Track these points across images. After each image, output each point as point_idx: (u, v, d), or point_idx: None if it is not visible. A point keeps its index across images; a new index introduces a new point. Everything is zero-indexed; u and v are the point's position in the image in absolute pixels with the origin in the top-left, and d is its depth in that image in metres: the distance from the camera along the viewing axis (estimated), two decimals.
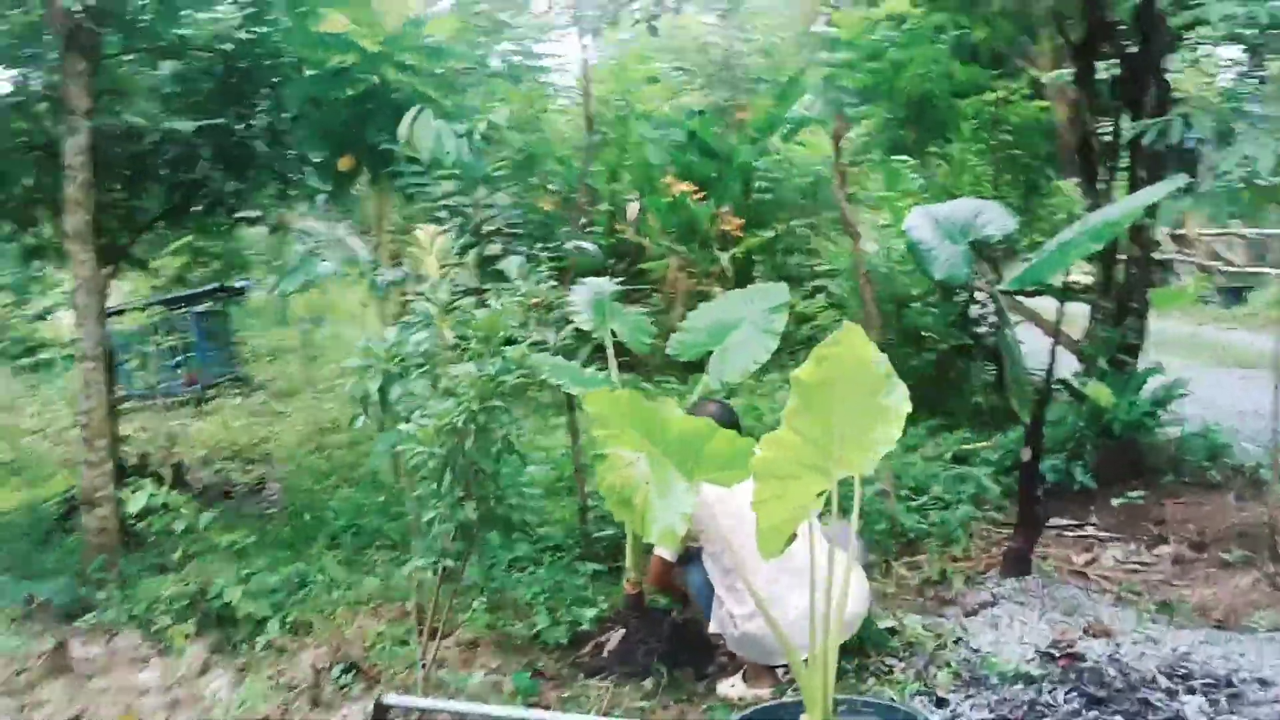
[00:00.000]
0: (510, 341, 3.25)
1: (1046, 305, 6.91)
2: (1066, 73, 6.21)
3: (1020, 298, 7.76)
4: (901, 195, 8.34)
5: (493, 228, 4.53)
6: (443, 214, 4.41)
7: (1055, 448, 6.10)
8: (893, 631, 4.09)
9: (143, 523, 4.11)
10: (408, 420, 3.28)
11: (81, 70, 5.09)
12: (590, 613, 4.57)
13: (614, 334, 4.62)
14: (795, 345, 10.16)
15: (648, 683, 3.95)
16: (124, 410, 12.04)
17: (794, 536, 2.84)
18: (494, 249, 4.58)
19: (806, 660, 3.65)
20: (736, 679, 3.88)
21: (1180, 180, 3.90)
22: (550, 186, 10.22)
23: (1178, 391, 6.02)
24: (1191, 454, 6.07)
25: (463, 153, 4.28)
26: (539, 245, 4.80)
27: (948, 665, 3.84)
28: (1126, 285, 5.99)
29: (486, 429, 3.09)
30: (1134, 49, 5.83)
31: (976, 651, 3.99)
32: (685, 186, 10.41)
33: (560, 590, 4.75)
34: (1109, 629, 4.14)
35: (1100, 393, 5.79)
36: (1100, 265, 6.12)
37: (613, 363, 4.52)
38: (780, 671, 3.83)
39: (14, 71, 6.12)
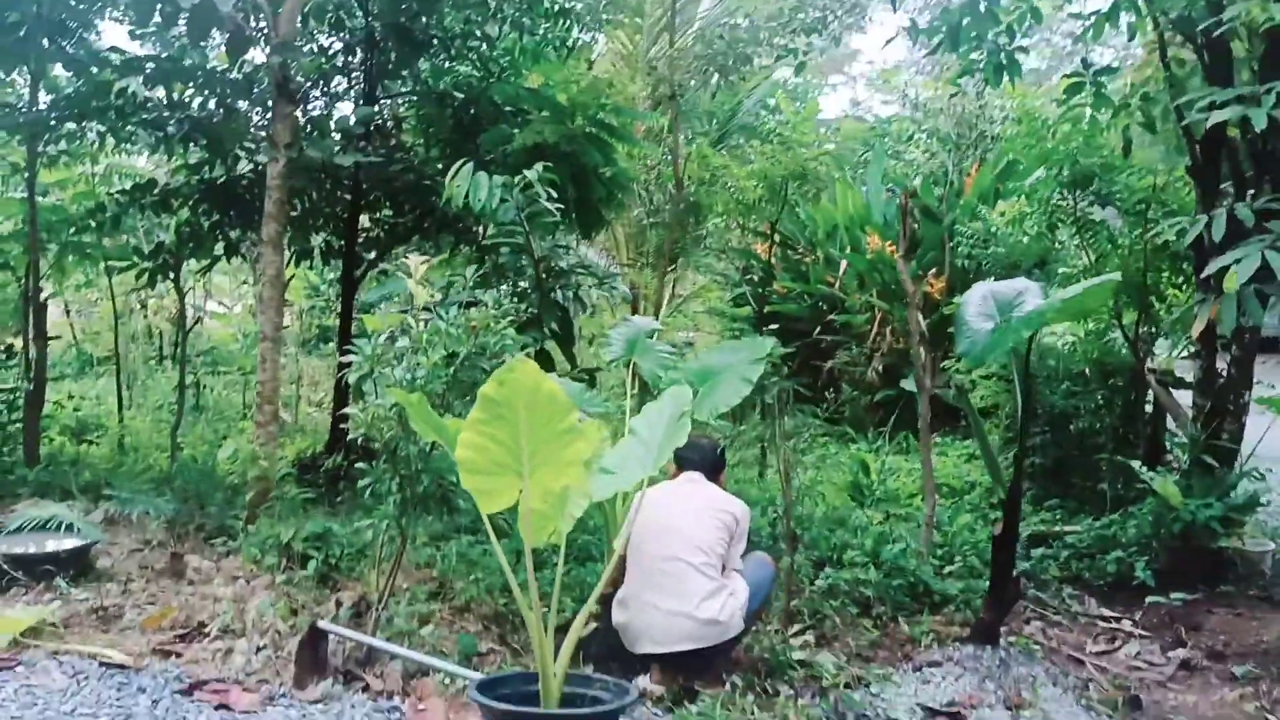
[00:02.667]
0: (454, 355, 4.01)
1: None
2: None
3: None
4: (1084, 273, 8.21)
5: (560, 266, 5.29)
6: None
7: (1128, 541, 5.97)
8: (802, 664, 4.41)
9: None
10: None
11: (287, 112, 6.40)
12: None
13: (635, 366, 5.25)
14: None
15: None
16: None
17: None
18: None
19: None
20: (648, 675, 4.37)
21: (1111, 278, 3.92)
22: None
23: (1257, 501, 5.72)
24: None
25: (492, 201, 5.08)
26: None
27: (830, 701, 4.13)
28: (1225, 385, 5.76)
29: (405, 420, 3.88)
30: None
31: (876, 695, 4.25)
32: (883, 244, 10.66)
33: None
34: (1021, 701, 4.24)
35: (1169, 491, 5.64)
36: (1201, 361, 5.92)
37: (629, 388, 5.15)
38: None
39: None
